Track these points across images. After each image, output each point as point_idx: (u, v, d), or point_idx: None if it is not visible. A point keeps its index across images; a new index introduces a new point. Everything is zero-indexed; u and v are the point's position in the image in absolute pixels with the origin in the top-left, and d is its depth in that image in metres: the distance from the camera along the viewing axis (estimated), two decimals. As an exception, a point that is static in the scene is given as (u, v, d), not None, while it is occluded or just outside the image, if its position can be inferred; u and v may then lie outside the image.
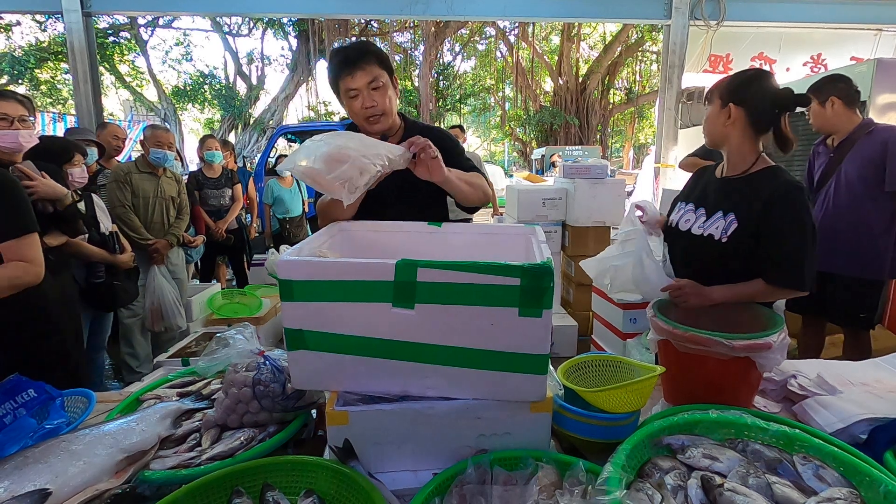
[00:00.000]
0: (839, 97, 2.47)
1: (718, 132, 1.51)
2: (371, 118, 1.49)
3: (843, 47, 6.17)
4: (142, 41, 14.76)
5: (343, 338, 0.90)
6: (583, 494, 0.75)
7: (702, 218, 1.51)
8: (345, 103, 1.53)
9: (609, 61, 16.57)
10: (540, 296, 0.84)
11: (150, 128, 3.30)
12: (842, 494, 0.76)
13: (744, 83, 1.47)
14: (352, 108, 1.50)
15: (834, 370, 1.31)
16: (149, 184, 3.13)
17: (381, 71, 1.46)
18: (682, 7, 5.52)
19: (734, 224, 1.42)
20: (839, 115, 2.48)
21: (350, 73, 1.44)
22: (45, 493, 0.80)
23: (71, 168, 2.30)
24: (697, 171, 1.72)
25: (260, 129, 14.36)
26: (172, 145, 3.21)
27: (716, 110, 1.50)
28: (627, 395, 0.97)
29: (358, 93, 1.46)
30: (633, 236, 1.59)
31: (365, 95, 1.46)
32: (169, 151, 3.16)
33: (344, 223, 1.30)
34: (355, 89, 1.46)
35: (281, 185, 5.22)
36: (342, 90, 1.48)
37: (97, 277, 2.40)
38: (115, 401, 1.25)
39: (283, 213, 5.22)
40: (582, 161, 6.24)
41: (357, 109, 1.48)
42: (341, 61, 1.45)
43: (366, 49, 1.47)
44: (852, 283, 2.50)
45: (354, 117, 1.52)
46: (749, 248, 1.40)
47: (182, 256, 3.45)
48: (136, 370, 2.95)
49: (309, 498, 0.84)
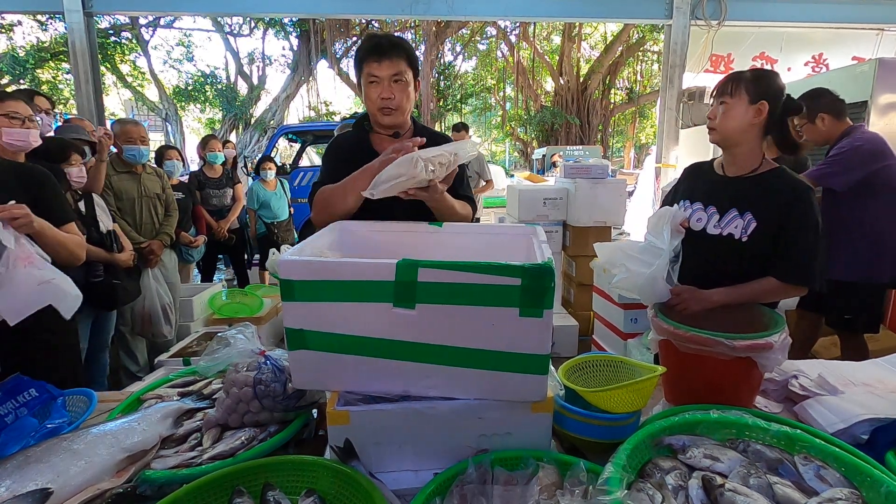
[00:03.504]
0: (827, 112, 2.56)
1: (742, 128, 1.45)
2: (384, 109, 1.50)
3: (845, 47, 6.16)
4: (143, 41, 14.77)
5: (344, 338, 0.90)
6: (584, 494, 0.75)
7: (714, 217, 1.50)
8: (363, 88, 1.52)
9: (610, 61, 16.56)
10: (541, 296, 0.84)
11: (117, 123, 3.07)
12: (843, 495, 0.75)
13: (770, 80, 1.45)
14: (369, 94, 1.49)
15: (835, 370, 1.31)
16: (129, 183, 3.00)
17: (406, 67, 1.47)
18: (683, 7, 5.51)
19: (753, 223, 1.42)
20: (831, 127, 2.57)
21: (378, 60, 1.44)
22: (47, 492, 0.80)
23: (68, 168, 2.30)
24: (692, 169, 1.71)
25: (261, 129, 14.37)
26: (146, 139, 3.03)
27: (743, 105, 1.44)
28: (628, 396, 0.97)
29: (379, 81, 1.46)
30: (659, 253, 1.45)
31: (385, 86, 1.46)
32: (143, 146, 2.99)
33: (345, 223, 1.30)
34: (378, 77, 1.46)
35: (265, 189, 5.01)
36: (364, 73, 1.48)
37: (96, 277, 2.40)
38: (117, 400, 1.25)
39: (270, 217, 4.99)
40: (583, 161, 6.23)
41: (374, 97, 1.48)
42: (373, 46, 1.45)
43: (399, 43, 1.48)
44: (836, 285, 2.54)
45: (369, 104, 1.52)
46: (768, 248, 1.41)
47: (174, 259, 3.37)
48: (135, 374, 2.93)
49: (310, 497, 0.84)
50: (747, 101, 1.44)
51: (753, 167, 1.48)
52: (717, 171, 1.57)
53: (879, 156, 2.46)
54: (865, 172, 2.43)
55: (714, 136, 1.51)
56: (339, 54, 15.21)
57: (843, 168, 2.46)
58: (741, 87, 1.45)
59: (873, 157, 2.45)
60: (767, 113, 1.43)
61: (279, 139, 8.18)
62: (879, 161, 2.45)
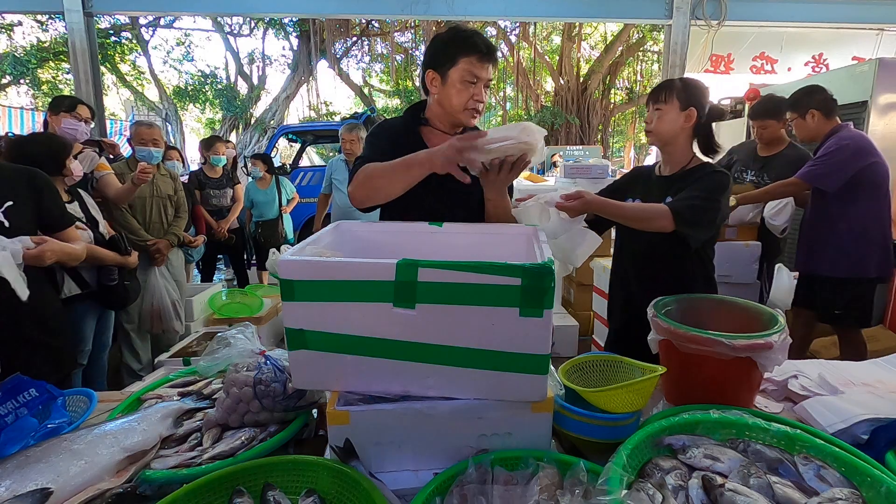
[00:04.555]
0: (818, 109, 2.62)
1: (673, 132, 1.67)
2: (474, 110, 1.48)
3: (845, 47, 6.17)
4: (143, 41, 14.77)
5: (344, 337, 0.90)
6: (584, 494, 0.75)
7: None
8: (451, 82, 1.45)
9: (610, 61, 16.54)
10: (541, 296, 0.83)
11: (134, 125, 3.23)
12: (843, 495, 0.75)
13: (700, 89, 1.66)
14: (461, 91, 1.44)
15: (835, 370, 1.31)
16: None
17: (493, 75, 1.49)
18: (683, 7, 5.50)
19: None
20: (820, 125, 2.63)
21: (484, 63, 1.42)
22: (47, 492, 0.80)
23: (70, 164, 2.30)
24: (634, 172, 1.95)
25: (261, 129, 14.36)
26: (158, 141, 3.09)
27: (675, 111, 1.65)
28: (628, 396, 0.97)
29: (477, 83, 1.44)
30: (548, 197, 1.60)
31: (481, 88, 1.46)
32: (154, 148, 3.06)
33: (345, 223, 1.30)
34: (479, 78, 1.44)
35: (258, 188, 4.95)
36: (463, 69, 1.42)
37: (111, 281, 2.40)
38: (117, 400, 1.25)
39: (257, 216, 4.94)
40: (583, 161, 6.23)
41: (465, 97, 1.45)
42: (482, 46, 1.42)
43: (496, 49, 1.48)
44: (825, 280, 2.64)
45: (456, 101, 1.46)
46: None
47: (181, 257, 3.42)
48: (137, 373, 2.94)
49: (310, 497, 0.84)
50: (678, 107, 1.64)
51: (683, 164, 1.69)
52: (656, 172, 1.79)
53: (865, 153, 2.51)
54: (853, 170, 2.49)
55: (651, 139, 1.72)
56: (339, 54, 15.22)
57: (832, 168, 2.52)
58: (673, 94, 1.65)
59: (859, 154, 2.50)
60: (696, 118, 1.64)
61: (279, 139, 8.18)
62: (865, 159, 2.50)
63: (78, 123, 2.70)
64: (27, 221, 1.65)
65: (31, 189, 1.69)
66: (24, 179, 1.69)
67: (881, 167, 2.53)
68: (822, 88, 2.66)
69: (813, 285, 2.68)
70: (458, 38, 1.44)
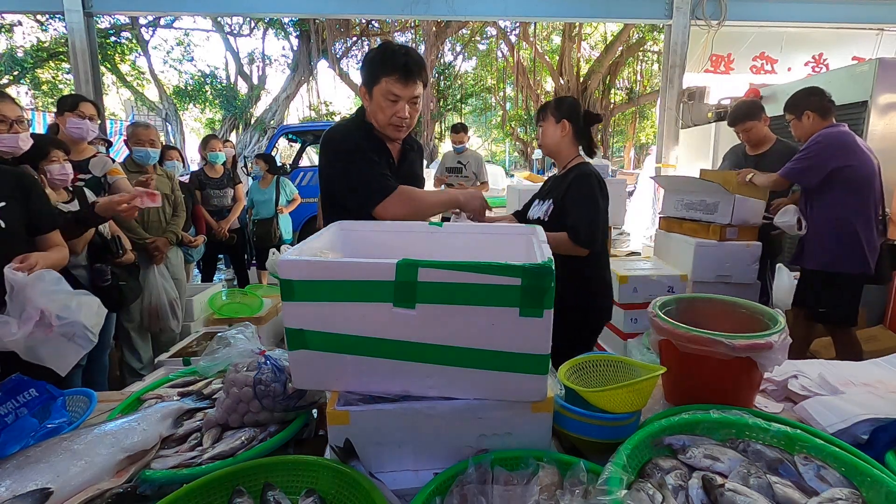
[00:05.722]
0: (813, 110, 2.66)
1: (555, 142, 1.99)
2: (398, 127, 1.57)
3: (845, 47, 6.17)
4: (143, 41, 14.74)
5: (344, 337, 0.90)
6: (584, 494, 0.75)
7: (537, 207, 2.05)
8: (376, 99, 1.53)
9: (610, 61, 16.53)
10: (541, 296, 0.83)
11: (131, 126, 3.23)
12: (843, 495, 0.75)
13: (570, 104, 1.98)
14: (384, 108, 1.52)
15: (835, 370, 1.31)
16: None
17: (422, 90, 1.55)
18: (683, 7, 5.51)
19: (551, 206, 1.96)
20: (815, 126, 2.66)
21: (404, 82, 1.48)
22: (47, 492, 0.80)
23: (48, 165, 2.22)
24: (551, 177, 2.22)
25: (261, 129, 14.35)
26: (155, 141, 3.11)
27: (552, 126, 1.98)
28: (628, 395, 0.97)
29: (398, 100, 1.51)
30: None
31: (402, 105, 1.52)
32: (151, 148, 3.07)
33: (345, 223, 1.30)
34: (399, 97, 1.50)
35: (258, 188, 4.94)
36: (384, 89, 1.50)
37: (104, 282, 2.40)
38: (117, 400, 1.25)
39: (254, 214, 4.94)
40: (583, 161, 6.21)
41: (389, 113, 1.53)
42: (403, 65, 1.47)
43: (423, 66, 1.52)
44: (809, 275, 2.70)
45: (381, 117, 1.55)
46: (561, 223, 1.88)
47: (181, 256, 3.43)
48: (138, 372, 2.95)
49: (310, 497, 0.84)
50: (554, 121, 1.97)
51: (565, 166, 2.01)
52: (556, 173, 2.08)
53: (840, 150, 2.54)
54: (831, 167, 2.52)
55: (542, 150, 2.08)
56: (339, 54, 15.20)
57: (808, 165, 2.58)
58: (548, 113, 1.99)
59: (830, 150, 2.54)
60: (571, 128, 1.96)
61: (279, 139, 8.18)
62: (842, 155, 2.53)
63: (82, 121, 2.65)
64: (19, 223, 1.62)
65: (20, 189, 1.65)
66: (13, 180, 1.65)
67: (863, 166, 2.55)
68: (820, 90, 2.69)
69: (802, 281, 2.76)
70: (381, 57, 1.51)
